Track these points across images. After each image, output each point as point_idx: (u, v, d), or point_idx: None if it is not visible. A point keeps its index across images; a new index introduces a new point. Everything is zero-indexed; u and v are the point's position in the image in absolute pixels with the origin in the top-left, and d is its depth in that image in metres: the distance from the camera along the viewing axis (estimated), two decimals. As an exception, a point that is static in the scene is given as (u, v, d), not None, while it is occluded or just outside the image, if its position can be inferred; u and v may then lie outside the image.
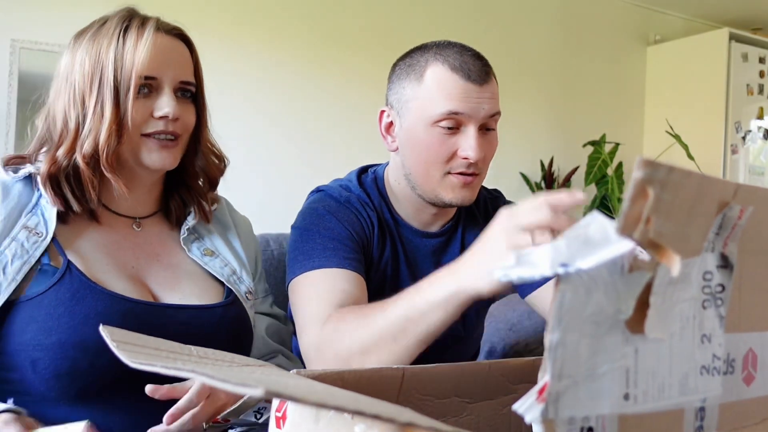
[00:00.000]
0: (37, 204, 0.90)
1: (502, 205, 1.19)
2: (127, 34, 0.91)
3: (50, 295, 0.84)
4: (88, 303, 0.84)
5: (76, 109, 0.90)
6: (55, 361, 0.81)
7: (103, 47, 0.91)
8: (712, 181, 0.41)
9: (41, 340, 0.82)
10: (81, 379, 0.82)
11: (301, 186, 1.67)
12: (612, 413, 0.40)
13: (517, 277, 0.37)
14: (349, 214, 1.06)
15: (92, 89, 0.90)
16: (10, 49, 2.50)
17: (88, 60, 0.91)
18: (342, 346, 0.87)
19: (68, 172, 0.90)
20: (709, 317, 0.46)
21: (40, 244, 0.87)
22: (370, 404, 0.42)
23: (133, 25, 0.92)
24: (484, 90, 1.00)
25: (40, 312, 0.83)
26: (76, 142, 0.90)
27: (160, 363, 0.50)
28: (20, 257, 0.85)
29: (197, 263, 1.00)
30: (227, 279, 1.00)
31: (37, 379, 0.82)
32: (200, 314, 0.94)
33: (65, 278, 0.85)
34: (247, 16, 2.87)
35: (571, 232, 0.36)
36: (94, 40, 0.92)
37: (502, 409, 0.74)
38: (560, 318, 0.36)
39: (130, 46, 0.90)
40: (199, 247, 1.02)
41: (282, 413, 0.54)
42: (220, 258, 1.03)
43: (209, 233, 1.05)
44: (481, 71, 1.00)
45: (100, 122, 0.89)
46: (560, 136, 3.77)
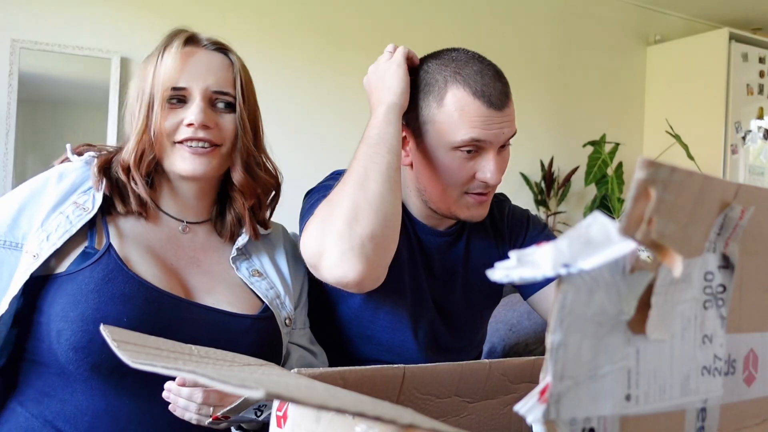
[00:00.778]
0: (91, 186, 0.96)
1: (507, 210, 1.20)
2: (165, 50, 0.96)
3: (85, 272, 0.88)
4: (117, 284, 0.88)
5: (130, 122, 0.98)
6: (76, 333, 0.84)
7: (149, 64, 0.97)
8: (714, 182, 0.41)
9: (67, 312, 0.85)
10: (95, 354, 0.85)
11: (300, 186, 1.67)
12: (613, 414, 0.40)
13: (519, 278, 0.36)
14: None
15: (139, 102, 0.96)
16: (10, 49, 2.50)
17: (139, 77, 0.98)
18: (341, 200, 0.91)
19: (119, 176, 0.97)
20: (711, 318, 0.46)
21: (84, 217, 0.92)
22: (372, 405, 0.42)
23: (175, 42, 0.97)
24: (505, 115, 1.00)
25: (72, 286, 0.87)
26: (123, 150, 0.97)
27: (161, 363, 0.49)
28: (64, 226, 0.91)
29: (242, 281, 1.01)
30: (270, 302, 1.00)
31: (59, 350, 0.85)
32: (230, 320, 0.94)
33: (102, 259, 0.90)
34: (248, 15, 2.87)
35: (573, 233, 0.35)
36: (148, 59, 0.99)
37: (502, 409, 0.74)
38: (562, 319, 0.36)
39: (167, 59, 0.95)
40: (248, 267, 1.03)
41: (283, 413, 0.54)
42: (267, 281, 1.03)
43: (259, 253, 1.06)
44: (501, 94, 0.99)
45: (137, 132, 0.95)
46: (560, 136, 3.77)
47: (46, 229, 0.90)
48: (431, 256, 1.12)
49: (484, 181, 1.01)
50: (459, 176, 1.01)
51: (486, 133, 0.98)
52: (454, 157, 1.00)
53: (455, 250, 1.14)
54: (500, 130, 0.99)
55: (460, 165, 1.01)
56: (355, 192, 0.90)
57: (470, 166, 1.01)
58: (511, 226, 1.18)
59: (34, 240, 0.90)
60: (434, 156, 1.02)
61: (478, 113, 0.98)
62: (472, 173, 1.01)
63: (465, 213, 1.05)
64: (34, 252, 0.89)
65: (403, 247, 1.08)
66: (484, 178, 1.00)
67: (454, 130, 0.99)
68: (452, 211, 1.05)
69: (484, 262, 1.14)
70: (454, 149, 0.99)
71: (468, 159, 1.00)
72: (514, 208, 1.22)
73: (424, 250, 1.12)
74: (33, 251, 0.89)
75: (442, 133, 1.00)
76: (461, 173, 1.01)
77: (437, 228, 1.12)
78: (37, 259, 0.88)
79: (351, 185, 0.92)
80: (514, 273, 0.37)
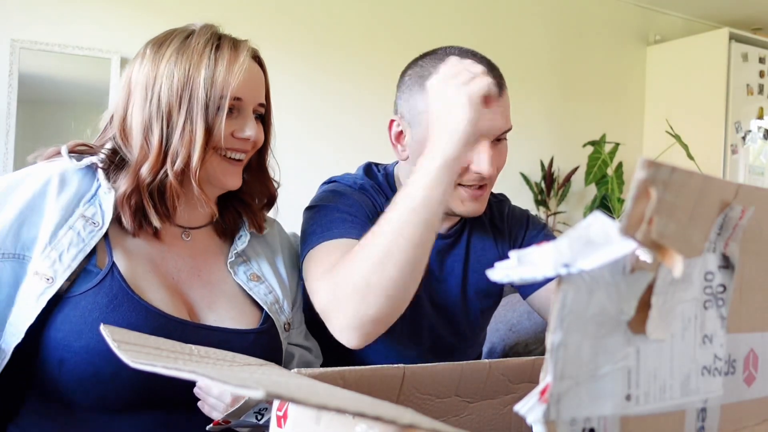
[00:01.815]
0: (95, 194, 0.90)
1: (507, 210, 1.20)
2: (219, 53, 0.91)
3: (89, 297, 0.83)
4: (122, 312, 0.83)
5: (160, 123, 0.89)
6: (80, 365, 0.81)
7: (193, 64, 0.89)
8: (714, 182, 0.41)
9: (70, 342, 0.81)
10: (101, 388, 0.82)
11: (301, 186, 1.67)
12: (614, 414, 0.40)
13: (519, 278, 0.36)
14: (365, 199, 1.06)
15: (181, 106, 0.88)
16: (10, 49, 2.50)
17: (176, 74, 0.89)
18: (355, 270, 0.83)
19: (152, 189, 0.90)
20: (711, 318, 0.46)
21: (96, 233, 0.87)
22: (372, 405, 0.42)
23: (225, 46, 0.92)
24: (498, 105, 0.98)
25: (75, 313, 0.82)
26: (161, 158, 0.89)
27: (161, 363, 0.49)
28: (76, 245, 0.85)
29: (241, 287, 0.99)
30: (269, 307, 0.99)
31: (62, 380, 0.82)
32: (232, 338, 0.93)
33: (106, 281, 0.85)
34: (249, 16, 2.87)
35: (573, 233, 0.35)
36: (182, 54, 0.91)
37: (502, 409, 0.74)
38: (562, 319, 0.36)
39: (222, 66, 0.90)
40: (246, 271, 1.01)
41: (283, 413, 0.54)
42: (265, 285, 1.01)
43: (257, 256, 1.04)
44: (494, 85, 0.97)
45: (191, 140, 0.88)
46: (560, 136, 3.77)
47: (57, 247, 0.84)
48: (431, 259, 1.12)
49: (478, 172, 1.00)
50: None
51: (479, 125, 0.97)
52: None
53: (455, 252, 1.14)
54: (492, 123, 0.98)
55: None
56: (370, 268, 0.82)
57: (464, 157, 1.00)
58: (510, 225, 1.18)
59: (44, 260, 0.83)
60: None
61: None
62: (466, 164, 1.00)
63: (460, 207, 1.04)
64: (48, 275, 0.82)
65: None
66: (478, 170, 0.99)
67: None
68: (448, 204, 1.03)
69: (484, 263, 1.14)
70: None
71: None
72: (514, 208, 1.22)
73: None
74: (45, 273, 0.82)
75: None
76: None
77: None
78: (52, 283, 0.82)
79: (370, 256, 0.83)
80: (513, 273, 0.37)
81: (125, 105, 0.93)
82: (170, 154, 0.89)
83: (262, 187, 1.04)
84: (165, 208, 0.92)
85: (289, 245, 1.13)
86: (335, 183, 1.10)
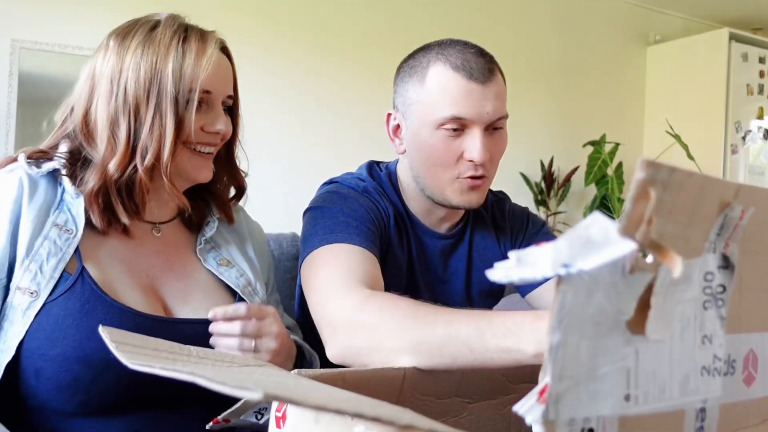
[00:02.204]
0: (62, 200, 0.88)
1: (508, 208, 1.20)
2: (186, 45, 0.89)
3: (60, 303, 0.82)
4: (96, 315, 0.82)
5: (127, 118, 0.87)
6: (58, 373, 0.79)
7: (161, 56, 0.88)
8: (714, 182, 0.41)
9: (46, 351, 0.80)
10: (83, 393, 0.81)
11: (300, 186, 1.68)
12: (613, 414, 0.40)
13: (518, 278, 0.36)
14: (368, 202, 1.04)
15: (149, 100, 0.87)
16: (10, 49, 2.50)
17: (143, 67, 0.87)
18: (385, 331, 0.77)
19: (120, 185, 0.88)
20: (710, 318, 0.46)
21: (72, 240, 0.85)
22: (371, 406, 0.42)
23: (193, 37, 0.90)
24: (487, 89, 0.97)
25: (48, 321, 0.81)
26: (129, 153, 0.87)
27: (160, 364, 0.49)
28: (55, 255, 0.83)
29: (212, 273, 0.98)
30: (242, 290, 0.98)
31: (40, 389, 0.81)
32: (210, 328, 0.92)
33: (76, 286, 0.83)
34: (250, 15, 2.87)
35: (572, 233, 0.35)
36: (147, 46, 0.88)
37: (502, 409, 0.74)
38: (561, 319, 0.36)
39: (191, 58, 0.88)
40: (215, 257, 1.00)
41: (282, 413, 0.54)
42: (236, 268, 1.01)
43: (226, 243, 1.03)
44: (484, 69, 0.98)
45: (161, 135, 0.86)
46: (560, 136, 3.77)
47: (36, 259, 0.82)
48: (433, 260, 1.12)
49: (471, 160, 0.98)
50: (446, 155, 0.99)
51: (466, 110, 0.96)
52: (440, 137, 0.99)
53: (459, 252, 1.14)
54: (482, 107, 0.97)
55: (445, 144, 0.99)
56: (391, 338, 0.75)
57: (456, 145, 0.99)
58: (512, 223, 1.18)
59: (24, 274, 0.81)
60: (421, 137, 1.01)
61: (458, 87, 0.96)
62: (459, 153, 0.99)
63: (458, 198, 1.02)
64: (31, 288, 0.81)
65: (401, 254, 1.08)
66: (471, 157, 0.98)
67: (436, 108, 0.98)
68: (445, 195, 1.03)
69: (487, 262, 1.14)
70: (438, 128, 0.98)
71: (453, 137, 0.98)
72: (514, 205, 1.22)
73: (425, 253, 1.11)
74: (29, 287, 0.81)
75: (426, 113, 0.99)
76: (448, 152, 0.99)
77: (438, 230, 1.12)
78: (37, 297, 0.81)
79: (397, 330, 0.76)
80: (513, 273, 0.37)
81: (89, 98, 0.90)
82: (139, 149, 0.87)
83: (230, 179, 1.04)
84: (134, 204, 0.90)
85: (257, 231, 1.13)
86: (337, 184, 1.09)
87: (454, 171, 1.00)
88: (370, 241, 0.96)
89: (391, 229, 1.06)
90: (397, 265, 1.07)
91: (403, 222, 1.09)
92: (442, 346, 0.71)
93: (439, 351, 0.71)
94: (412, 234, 1.10)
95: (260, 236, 1.13)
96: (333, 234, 0.95)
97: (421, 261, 1.11)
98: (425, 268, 1.11)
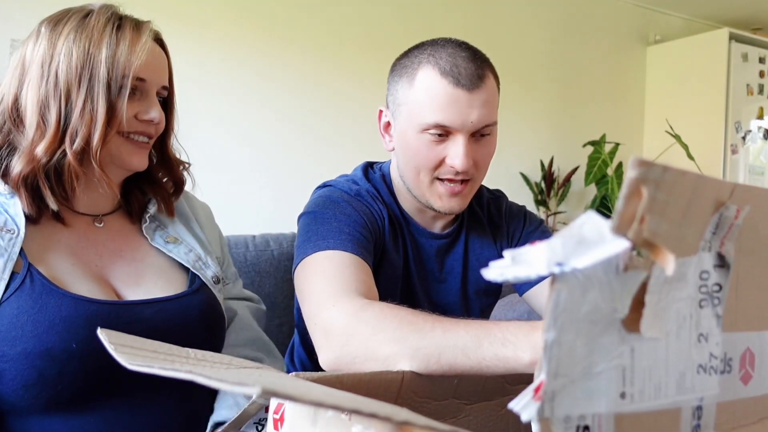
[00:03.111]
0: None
1: (505, 207, 1.20)
2: (120, 33, 0.88)
3: (12, 302, 0.80)
4: (51, 308, 0.81)
5: (57, 102, 0.86)
6: (22, 371, 0.79)
7: (94, 42, 0.87)
8: (708, 181, 0.41)
9: (6, 351, 0.79)
10: (50, 388, 0.80)
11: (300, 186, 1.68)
12: (608, 412, 0.40)
13: (513, 277, 0.37)
14: (361, 206, 1.04)
15: (81, 84, 0.86)
16: (10, 49, 2.50)
17: (75, 52, 0.86)
18: (382, 339, 0.77)
19: (48, 170, 0.87)
20: (706, 316, 0.46)
21: (15, 240, 0.84)
22: (367, 403, 0.42)
23: (127, 26, 0.90)
24: (474, 96, 0.96)
25: (2, 321, 0.79)
26: (58, 137, 0.86)
27: (158, 365, 0.50)
28: (1, 256, 0.82)
29: (161, 252, 0.98)
30: (192, 265, 0.98)
31: (6, 390, 0.80)
32: (166, 306, 0.92)
33: (26, 283, 0.82)
34: (246, 15, 2.88)
35: (566, 232, 0.36)
36: (80, 32, 0.88)
37: (500, 410, 0.75)
38: (556, 317, 0.37)
39: (125, 46, 0.88)
40: (162, 235, 1.00)
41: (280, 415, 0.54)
42: (184, 244, 1.00)
43: (172, 223, 1.03)
44: (473, 75, 0.96)
45: (92, 119, 0.86)
46: (560, 136, 3.77)
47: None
48: (429, 260, 1.12)
49: (452, 166, 0.98)
50: (429, 159, 0.99)
51: (450, 117, 0.96)
52: (424, 140, 0.99)
53: (454, 252, 1.14)
54: (467, 115, 0.96)
55: (428, 148, 0.99)
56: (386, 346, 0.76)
57: (440, 150, 0.99)
58: (508, 222, 1.18)
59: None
60: (407, 138, 1.01)
61: (444, 93, 0.96)
62: (441, 158, 0.99)
63: (438, 202, 1.03)
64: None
65: (397, 255, 1.08)
66: (452, 164, 0.98)
67: (422, 112, 0.97)
68: (426, 198, 1.03)
69: (483, 261, 1.14)
70: (423, 132, 0.98)
71: (437, 143, 0.98)
72: (511, 204, 1.22)
73: (420, 253, 1.12)
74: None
75: (412, 115, 0.99)
76: (430, 156, 0.99)
77: (432, 230, 1.12)
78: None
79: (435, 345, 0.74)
80: (508, 272, 0.37)
81: (18, 85, 0.89)
82: (69, 133, 0.86)
83: (168, 173, 1.03)
84: (63, 189, 0.89)
85: (200, 209, 1.12)
86: (330, 188, 1.08)
87: (434, 174, 1.01)
88: (363, 247, 0.96)
89: (386, 232, 1.06)
90: (394, 266, 1.08)
91: (398, 223, 1.10)
92: (440, 354, 0.72)
93: (437, 358, 0.72)
94: (408, 234, 1.10)
95: (206, 212, 1.13)
96: (325, 240, 0.94)
97: (417, 261, 1.11)
98: (421, 268, 1.12)
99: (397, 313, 0.79)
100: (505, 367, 0.69)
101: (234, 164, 2.77)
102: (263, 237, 1.60)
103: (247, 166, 2.81)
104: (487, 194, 1.21)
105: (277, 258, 1.54)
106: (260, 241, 1.58)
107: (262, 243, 1.57)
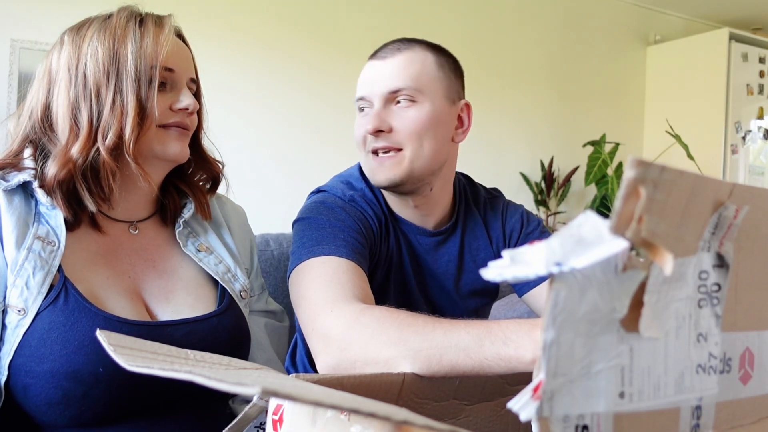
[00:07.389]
0: (38, 213, 0.85)
1: (502, 206, 1.19)
2: (143, 28, 0.88)
3: (44, 317, 0.79)
4: (82, 328, 0.80)
5: (88, 102, 0.86)
6: (47, 390, 0.78)
7: (118, 38, 0.87)
8: (707, 181, 0.41)
9: (32, 367, 0.78)
10: (74, 408, 0.79)
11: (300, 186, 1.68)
12: (607, 411, 0.40)
13: (512, 277, 0.37)
14: (355, 211, 1.05)
15: (109, 80, 0.86)
16: (10, 49, 2.51)
17: (101, 51, 0.86)
18: (383, 342, 0.76)
19: (85, 170, 0.86)
20: (705, 316, 0.46)
21: (56, 253, 0.83)
22: (367, 403, 0.42)
23: (149, 21, 0.90)
24: (385, 64, 1.03)
25: (33, 336, 0.79)
26: (92, 136, 0.85)
27: (158, 366, 0.50)
28: (41, 269, 0.81)
29: (192, 261, 0.97)
30: (221, 277, 0.98)
31: (29, 405, 0.79)
32: (196, 328, 0.91)
33: (59, 299, 0.81)
34: (245, 16, 2.88)
35: (565, 232, 0.36)
36: (104, 32, 0.88)
37: (500, 411, 0.75)
38: (554, 317, 0.37)
39: (149, 38, 0.88)
40: (194, 242, 1.00)
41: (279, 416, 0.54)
42: (214, 255, 1.00)
43: (204, 230, 1.03)
44: (392, 48, 1.04)
45: (122, 114, 0.85)
46: (560, 136, 3.77)
47: (21, 275, 0.80)
48: (422, 259, 1.12)
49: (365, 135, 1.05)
50: (357, 135, 1.06)
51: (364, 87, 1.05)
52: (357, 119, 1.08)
53: (448, 250, 1.13)
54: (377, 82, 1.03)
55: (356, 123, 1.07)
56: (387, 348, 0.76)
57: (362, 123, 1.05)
58: (506, 222, 1.18)
59: (12, 290, 0.79)
60: None
61: (364, 68, 1.07)
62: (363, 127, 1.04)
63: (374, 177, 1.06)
64: (18, 306, 0.79)
65: (391, 256, 1.08)
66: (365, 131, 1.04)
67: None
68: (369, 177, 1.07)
69: (479, 261, 1.14)
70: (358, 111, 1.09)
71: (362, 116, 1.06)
72: (509, 204, 1.21)
73: (414, 253, 1.11)
74: (16, 305, 0.79)
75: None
76: (358, 132, 1.06)
77: (425, 227, 1.12)
78: (25, 314, 0.79)
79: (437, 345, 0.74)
80: (507, 272, 0.37)
81: (47, 93, 0.89)
82: (101, 130, 0.85)
83: (203, 170, 1.03)
84: (100, 189, 0.87)
85: (234, 214, 1.11)
86: (324, 194, 1.09)
87: (365, 149, 1.05)
88: (358, 252, 0.96)
89: (379, 234, 1.07)
90: (388, 267, 1.08)
91: (391, 223, 1.10)
92: (441, 355, 0.72)
93: (438, 359, 0.72)
94: (401, 234, 1.10)
95: (238, 218, 1.12)
96: (320, 246, 0.95)
97: (412, 260, 1.11)
98: (416, 268, 1.11)
99: (396, 316, 0.79)
100: (507, 366, 0.69)
101: (232, 164, 2.77)
102: (263, 237, 1.60)
103: (245, 166, 2.81)
104: (484, 193, 1.20)
105: (277, 258, 1.54)
106: (260, 241, 1.58)
107: (261, 243, 1.57)
